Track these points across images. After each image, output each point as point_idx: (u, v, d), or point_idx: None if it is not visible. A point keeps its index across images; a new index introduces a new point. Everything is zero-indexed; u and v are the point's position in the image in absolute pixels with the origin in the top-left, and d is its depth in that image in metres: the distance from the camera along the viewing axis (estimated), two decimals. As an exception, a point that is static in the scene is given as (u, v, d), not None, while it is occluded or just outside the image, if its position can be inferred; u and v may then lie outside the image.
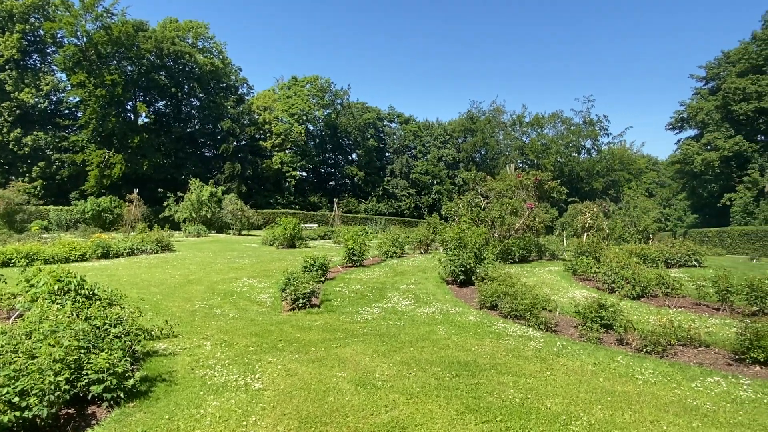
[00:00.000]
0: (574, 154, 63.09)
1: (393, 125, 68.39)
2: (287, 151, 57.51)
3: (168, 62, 48.93)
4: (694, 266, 19.68)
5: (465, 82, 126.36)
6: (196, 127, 54.60)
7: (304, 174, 63.58)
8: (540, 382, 6.66)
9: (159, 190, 39.47)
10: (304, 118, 58.66)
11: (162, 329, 8.28)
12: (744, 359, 7.71)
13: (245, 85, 60.74)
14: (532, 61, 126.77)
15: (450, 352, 7.94)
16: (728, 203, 44.65)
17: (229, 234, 35.58)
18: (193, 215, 34.97)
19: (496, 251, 18.67)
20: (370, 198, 62.58)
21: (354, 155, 66.47)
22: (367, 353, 7.72)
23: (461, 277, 14.17)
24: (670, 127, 55.01)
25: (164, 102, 52.80)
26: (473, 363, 7.37)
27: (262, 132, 57.71)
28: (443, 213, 24.60)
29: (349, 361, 7.30)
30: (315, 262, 14.01)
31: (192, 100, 54.35)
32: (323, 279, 14.11)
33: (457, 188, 55.30)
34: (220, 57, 53.55)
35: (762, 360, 7.52)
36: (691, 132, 52.83)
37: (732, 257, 28.81)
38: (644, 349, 8.19)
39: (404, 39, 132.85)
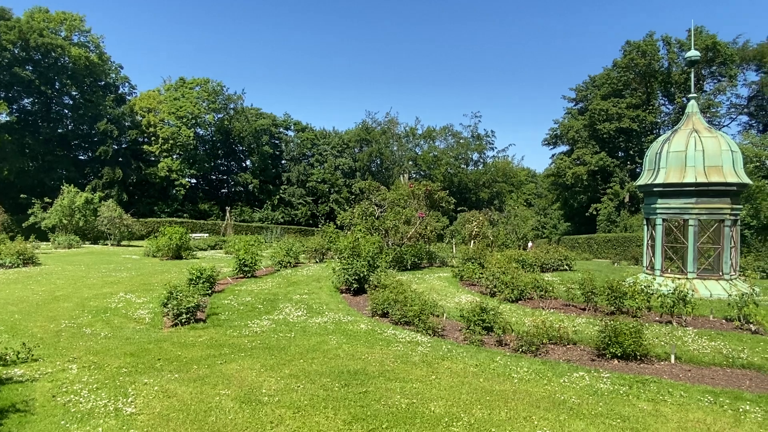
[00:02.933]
0: (463, 165, 66.49)
1: (289, 133, 67.46)
2: (175, 157, 54.25)
3: (35, 56, 43.95)
4: (566, 270, 21.59)
5: (361, 93, 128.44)
6: (69, 127, 49.58)
7: (194, 181, 60.40)
8: (426, 386, 6.87)
9: (22, 195, 35.11)
10: (194, 121, 55.69)
11: (18, 353, 7.40)
12: (605, 354, 8.53)
13: (127, 84, 56.48)
14: (424, 76, 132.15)
15: (340, 361, 7.94)
16: (595, 212, 49.60)
17: (107, 245, 32.70)
18: (64, 222, 31.63)
19: (389, 259, 19.09)
20: (265, 206, 60.99)
21: (248, 162, 64.43)
22: (255, 368, 7.47)
23: (355, 286, 14.29)
24: (546, 142, 60.05)
25: (31, 99, 47.28)
26: (363, 371, 7.43)
27: (146, 135, 53.91)
28: (338, 222, 24.70)
29: (234, 378, 7.01)
30: (202, 273, 13.33)
31: (64, 98, 49.21)
32: (211, 292, 13.47)
33: (354, 197, 55.79)
34: (98, 52, 49.17)
35: (619, 354, 8.37)
36: (564, 148, 58.05)
37: (598, 261, 32.01)
38: (520, 349, 8.79)
39: (300, 48, 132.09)
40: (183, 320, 10.20)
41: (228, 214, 44.18)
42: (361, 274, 14.25)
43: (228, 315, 11.29)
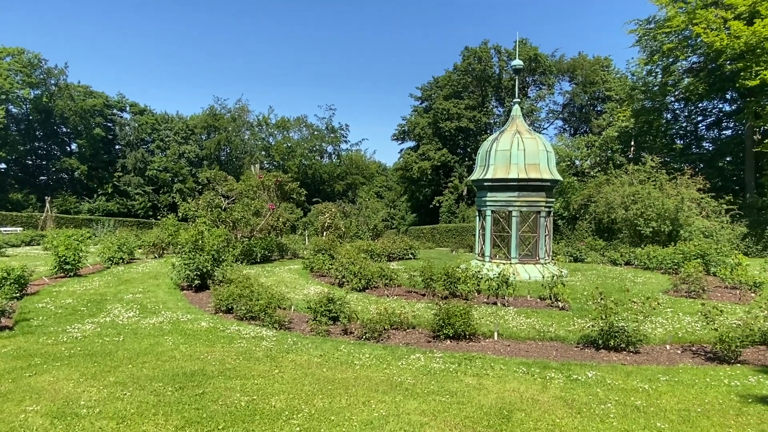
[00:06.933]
0: (317, 157, 66.63)
1: (125, 115, 61.09)
2: (-23, 137, 45.91)
3: None
4: (411, 259, 22.91)
5: (209, 77, 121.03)
6: None
7: (4, 166, 51.82)
8: (268, 381, 6.77)
9: None
10: (4, 97, 47.61)
11: None
12: (439, 336, 9.22)
13: None
14: (278, 63, 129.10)
15: (176, 363, 7.45)
16: (438, 204, 53.29)
17: None
18: None
19: (237, 253, 18.41)
20: (97, 196, 54.63)
21: (74, 146, 57.04)
22: (73, 378, 6.67)
23: (197, 282, 13.54)
24: (395, 138, 62.72)
25: None
26: (201, 372, 7.06)
27: (-63, 110, 44.78)
28: (181, 214, 23.12)
29: (46, 391, 6.18)
30: (9, 273, 11.52)
31: None
32: (21, 294, 11.74)
33: (201, 187, 52.60)
34: None
35: (451, 335, 9.10)
36: (411, 143, 61.18)
37: (439, 250, 34.44)
38: (364, 336, 9.10)
39: (137, 23, 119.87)
40: (-19, 330, 8.72)
41: (48, 204, 38.70)
42: (205, 269, 13.52)
43: (42, 320, 9.91)
